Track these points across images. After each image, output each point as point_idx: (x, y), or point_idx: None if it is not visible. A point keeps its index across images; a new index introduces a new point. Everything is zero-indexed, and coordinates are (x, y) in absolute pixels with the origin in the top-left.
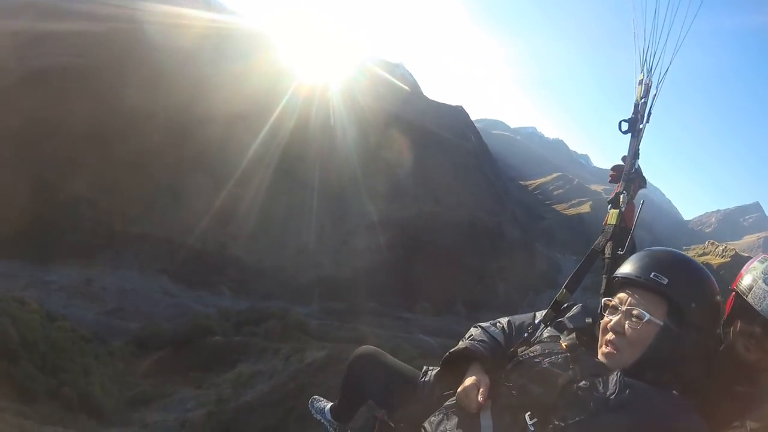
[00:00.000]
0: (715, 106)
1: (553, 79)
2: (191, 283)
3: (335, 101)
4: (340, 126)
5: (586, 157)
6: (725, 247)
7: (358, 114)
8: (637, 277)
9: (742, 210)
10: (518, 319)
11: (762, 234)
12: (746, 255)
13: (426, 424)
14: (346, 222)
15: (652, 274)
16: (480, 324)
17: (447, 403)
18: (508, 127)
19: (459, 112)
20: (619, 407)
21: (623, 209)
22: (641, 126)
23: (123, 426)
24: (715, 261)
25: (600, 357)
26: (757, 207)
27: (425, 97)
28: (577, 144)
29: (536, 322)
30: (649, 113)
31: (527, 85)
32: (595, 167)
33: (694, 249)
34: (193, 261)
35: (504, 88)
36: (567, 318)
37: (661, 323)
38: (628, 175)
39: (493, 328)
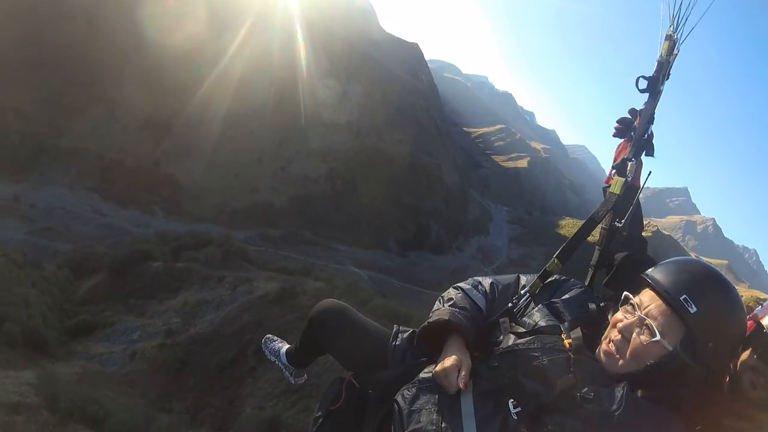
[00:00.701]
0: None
1: (515, 31)
2: (123, 202)
3: (287, 21)
4: (292, 48)
5: (531, 114)
6: (648, 222)
7: (311, 39)
8: (666, 292)
9: (670, 191)
10: (502, 281)
11: (685, 217)
12: (667, 234)
13: (398, 398)
14: (285, 148)
15: (683, 296)
16: (461, 286)
17: (422, 375)
18: (460, 72)
19: (414, 50)
20: (622, 424)
21: (629, 179)
22: (661, 87)
23: (68, 359)
24: None
25: (599, 351)
26: (685, 192)
27: (381, 29)
28: (525, 100)
29: (522, 291)
30: (669, 74)
31: (486, 33)
32: (538, 125)
33: None
34: (125, 178)
35: (463, 32)
36: (564, 303)
37: (671, 348)
38: (639, 141)
39: (475, 292)
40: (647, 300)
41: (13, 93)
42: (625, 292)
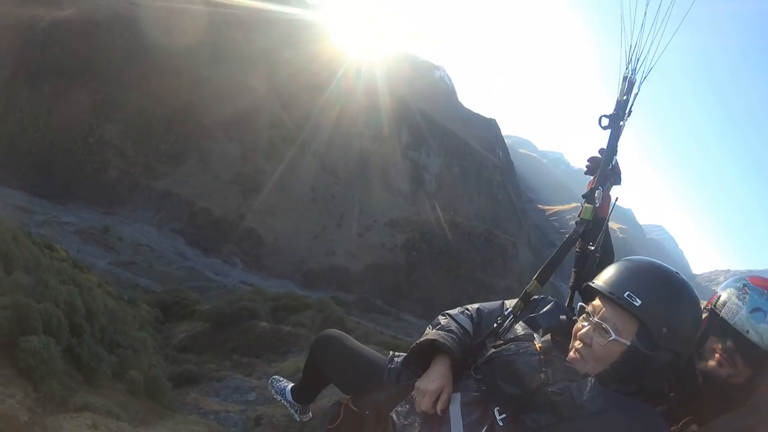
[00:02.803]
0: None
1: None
2: (206, 249)
3: (376, 94)
4: (377, 120)
5: None
6: None
7: (393, 110)
8: (610, 293)
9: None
10: (487, 307)
11: None
12: None
13: (393, 414)
14: (365, 215)
15: (626, 293)
16: (448, 312)
17: (415, 391)
18: (536, 148)
19: (491, 125)
20: (592, 415)
21: (597, 204)
22: (622, 123)
23: (183, 412)
24: None
25: (568, 360)
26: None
27: (460, 105)
28: None
29: (506, 312)
30: (630, 111)
31: (560, 109)
32: (617, 206)
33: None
34: (210, 227)
35: (536, 108)
36: (540, 315)
37: (628, 343)
38: (605, 171)
39: (461, 316)
40: (598, 305)
41: (117, 132)
42: (580, 303)
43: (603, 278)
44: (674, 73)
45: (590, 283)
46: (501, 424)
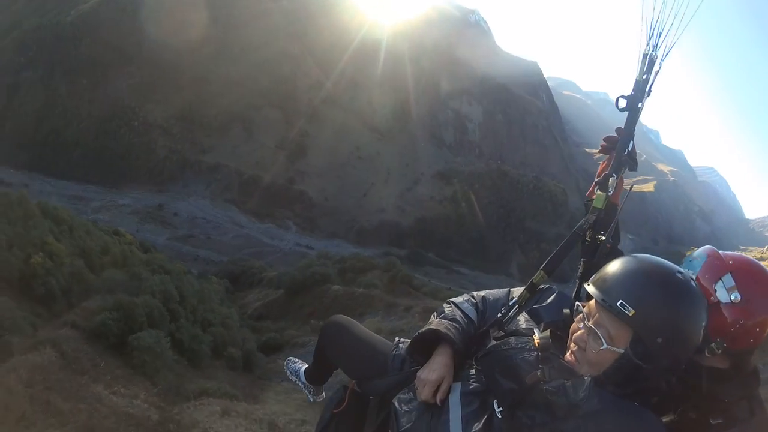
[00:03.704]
0: None
1: (629, 43)
2: (259, 216)
3: (407, 45)
4: (412, 72)
5: (656, 133)
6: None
7: (430, 60)
8: (603, 301)
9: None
10: (493, 295)
11: None
12: None
13: (395, 400)
14: (411, 169)
15: (619, 302)
16: (453, 300)
17: (416, 380)
18: (580, 89)
19: (533, 69)
20: (586, 415)
21: (611, 192)
22: (640, 104)
23: (275, 381)
24: None
25: (565, 360)
26: None
27: (499, 49)
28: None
29: (511, 302)
30: (650, 90)
31: (603, 47)
32: (663, 145)
33: (752, 251)
34: (261, 194)
35: (580, 48)
36: (542, 307)
37: (622, 351)
38: (620, 157)
39: (466, 304)
40: (593, 308)
41: (160, 112)
42: (577, 303)
43: (598, 281)
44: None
45: (586, 285)
46: (499, 416)
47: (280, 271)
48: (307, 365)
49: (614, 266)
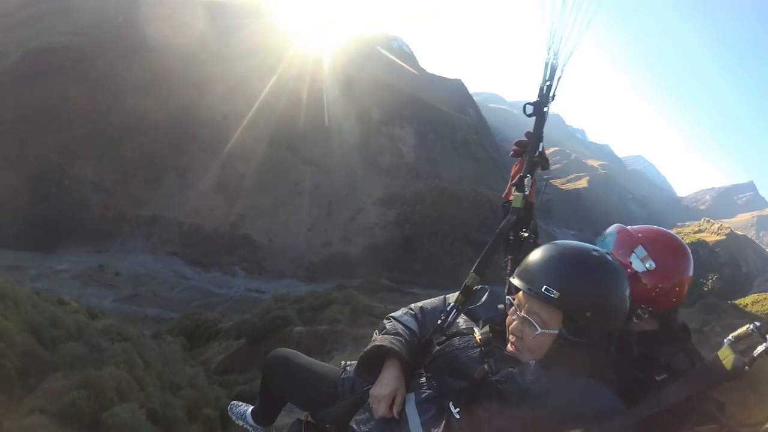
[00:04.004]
0: (712, 84)
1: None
2: (204, 265)
3: (331, 75)
4: (340, 101)
5: (582, 132)
6: (720, 225)
7: (358, 89)
8: (528, 290)
9: (736, 189)
10: (430, 304)
11: (755, 213)
12: (740, 233)
13: (353, 424)
14: (353, 199)
15: (543, 287)
16: (392, 315)
17: (370, 398)
18: (505, 100)
19: (457, 86)
20: (538, 396)
21: (527, 192)
22: (546, 109)
23: None
24: (711, 238)
25: (508, 352)
26: (751, 186)
27: (424, 71)
28: (574, 118)
29: (448, 308)
30: (554, 95)
31: (524, 58)
32: (591, 142)
33: (689, 225)
34: (204, 242)
35: (501, 61)
36: (479, 306)
37: (556, 332)
38: (532, 158)
39: (405, 317)
40: (523, 299)
41: (90, 167)
42: (507, 296)
43: (521, 272)
44: None
45: (511, 279)
46: (458, 417)
47: (236, 319)
48: (252, 407)
49: (533, 256)
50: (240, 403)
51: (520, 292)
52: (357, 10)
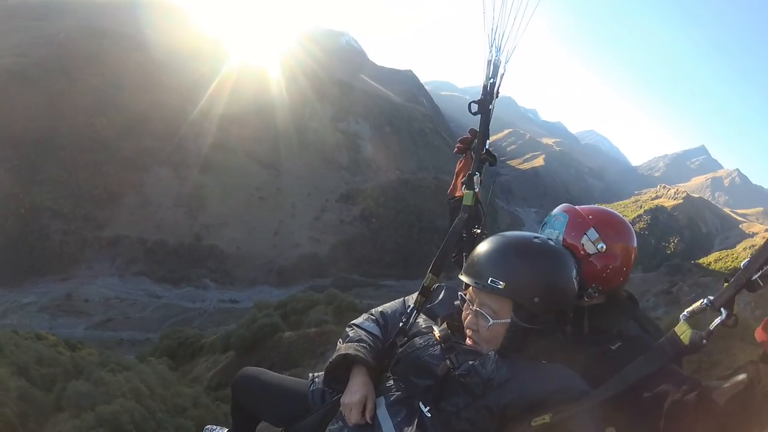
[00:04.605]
0: (658, 51)
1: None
2: (174, 281)
3: (281, 75)
4: (293, 101)
5: (534, 112)
6: (677, 189)
7: (310, 87)
8: (476, 284)
9: (688, 153)
10: (391, 307)
11: (709, 175)
12: (697, 196)
13: None
14: (315, 198)
15: (489, 279)
16: (353, 322)
17: (341, 407)
18: (456, 87)
19: (409, 77)
20: (501, 384)
21: (477, 189)
22: (491, 106)
23: None
24: (669, 203)
25: (467, 346)
26: (703, 150)
27: (374, 64)
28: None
29: (408, 309)
30: (497, 92)
31: (472, 43)
32: (543, 121)
33: (646, 193)
34: (171, 258)
35: (450, 48)
36: (436, 305)
37: (509, 321)
38: (480, 155)
39: (367, 323)
40: (473, 292)
41: (46, 193)
42: (460, 293)
43: (468, 268)
44: None
45: (460, 275)
46: (429, 415)
47: (219, 332)
48: (227, 429)
49: (478, 251)
50: (214, 427)
51: (470, 287)
52: (302, 7)
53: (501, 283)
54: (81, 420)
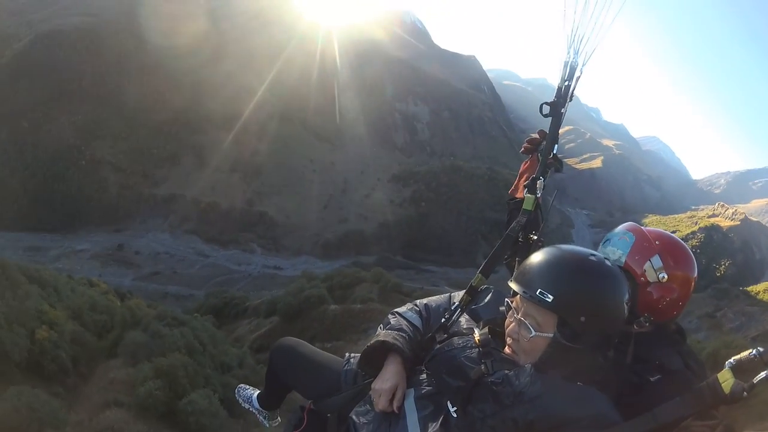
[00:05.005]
0: (732, 66)
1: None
2: (223, 243)
3: (342, 51)
4: (353, 77)
5: (597, 111)
6: (735, 210)
7: (372, 65)
8: (524, 293)
9: (752, 173)
10: (435, 301)
11: None
12: (755, 219)
13: (353, 415)
14: (367, 176)
15: (538, 291)
16: (397, 310)
17: (371, 392)
18: (519, 77)
19: (472, 63)
20: (532, 400)
21: (539, 195)
22: (563, 110)
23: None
24: (725, 223)
25: (505, 354)
26: (767, 172)
27: (437, 47)
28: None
29: (452, 306)
30: (572, 95)
31: (539, 33)
32: (605, 121)
33: (703, 209)
34: (222, 220)
35: (515, 37)
36: (481, 307)
37: (551, 336)
38: (546, 160)
39: (410, 313)
40: (520, 302)
41: (107, 148)
42: (506, 299)
43: (519, 276)
44: None
45: (509, 282)
46: (455, 415)
47: (260, 297)
48: (258, 391)
49: (531, 260)
50: (247, 387)
51: (518, 296)
52: None
53: (550, 296)
54: (137, 369)
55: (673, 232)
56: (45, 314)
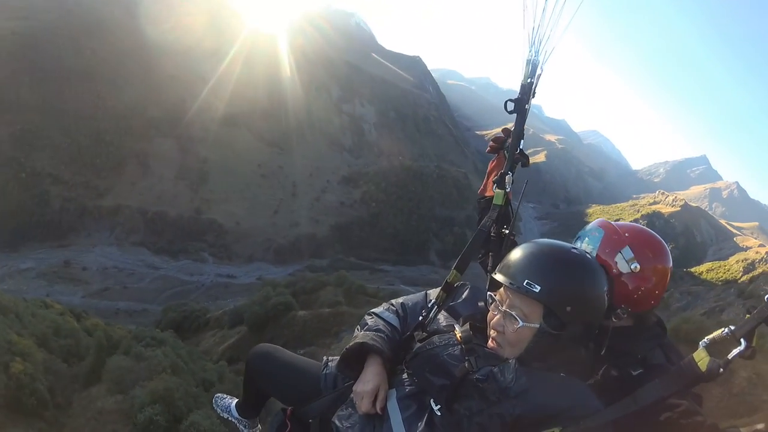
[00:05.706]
0: (668, 58)
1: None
2: (172, 253)
3: (288, 54)
4: (299, 80)
5: (539, 107)
6: (675, 197)
7: (317, 67)
8: (510, 284)
9: (689, 162)
10: (411, 300)
11: (708, 185)
12: (694, 205)
13: (335, 419)
14: (317, 179)
15: (525, 281)
16: (373, 311)
17: (353, 394)
18: (463, 77)
19: (417, 63)
20: (518, 395)
21: (509, 189)
22: (527, 106)
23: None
24: (666, 210)
25: (489, 348)
26: (704, 160)
27: (382, 48)
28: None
29: (429, 304)
30: (534, 92)
31: (482, 34)
32: (547, 117)
33: (644, 198)
34: (170, 230)
35: (458, 38)
36: (459, 303)
37: (537, 326)
38: (513, 156)
39: (387, 313)
40: (503, 294)
41: (47, 159)
42: (489, 293)
43: (503, 268)
44: None
45: (493, 275)
46: (439, 414)
47: (222, 308)
48: (237, 399)
49: (515, 253)
50: (225, 396)
51: (502, 288)
52: None
53: (537, 287)
54: (130, 396)
55: (617, 220)
56: (15, 345)
